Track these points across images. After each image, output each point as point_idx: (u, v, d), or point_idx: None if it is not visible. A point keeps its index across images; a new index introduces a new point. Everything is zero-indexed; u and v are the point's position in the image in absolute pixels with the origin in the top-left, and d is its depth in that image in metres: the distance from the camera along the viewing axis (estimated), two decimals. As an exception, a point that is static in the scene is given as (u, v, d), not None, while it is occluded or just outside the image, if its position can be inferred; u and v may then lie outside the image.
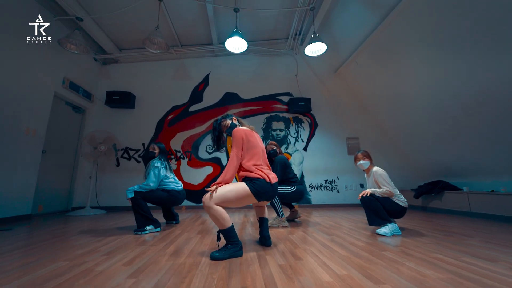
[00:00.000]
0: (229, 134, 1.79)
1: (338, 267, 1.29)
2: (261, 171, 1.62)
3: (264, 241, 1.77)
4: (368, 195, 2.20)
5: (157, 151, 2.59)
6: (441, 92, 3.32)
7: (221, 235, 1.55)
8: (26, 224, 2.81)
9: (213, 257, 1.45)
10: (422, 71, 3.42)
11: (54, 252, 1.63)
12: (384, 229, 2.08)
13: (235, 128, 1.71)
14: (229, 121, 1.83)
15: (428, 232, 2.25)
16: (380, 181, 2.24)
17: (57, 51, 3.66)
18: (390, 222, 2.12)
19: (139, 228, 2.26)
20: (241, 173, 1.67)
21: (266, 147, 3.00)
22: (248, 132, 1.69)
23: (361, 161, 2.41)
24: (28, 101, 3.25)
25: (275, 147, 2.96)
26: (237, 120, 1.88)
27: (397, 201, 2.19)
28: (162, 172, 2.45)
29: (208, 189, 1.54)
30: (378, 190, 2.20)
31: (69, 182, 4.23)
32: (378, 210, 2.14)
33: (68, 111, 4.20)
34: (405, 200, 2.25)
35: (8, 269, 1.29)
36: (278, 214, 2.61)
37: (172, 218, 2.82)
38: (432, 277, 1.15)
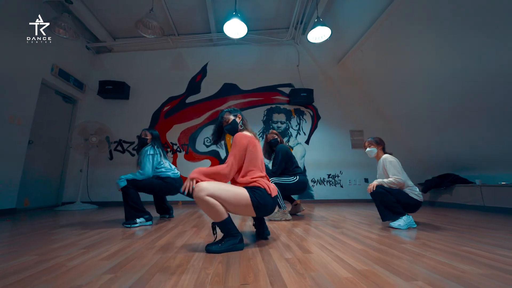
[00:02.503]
0: (227, 131, 1.59)
1: (356, 262, 1.09)
2: (264, 182, 1.41)
3: (262, 233, 1.57)
4: (374, 187, 1.97)
5: (149, 137, 2.40)
6: (449, 80, 3.13)
7: (217, 228, 1.35)
8: (7, 218, 2.59)
9: (208, 250, 1.25)
10: (429, 58, 3.23)
11: (27, 245, 1.43)
12: (399, 222, 1.88)
13: (239, 134, 1.49)
14: (232, 118, 1.59)
15: (445, 225, 2.06)
16: (388, 169, 2.05)
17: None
18: (404, 214, 1.92)
19: (128, 220, 2.06)
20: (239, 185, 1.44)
21: (267, 136, 2.83)
22: (251, 141, 1.47)
23: (368, 149, 2.24)
24: (12, 86, 3.03)
25: (276, 136, 2.78)
26: (241, 120, 1.63)
27: (410, 194, 1.98)
28: (157, 159, 2.26)
29: (184, 187, 1.31)
30: (385, 180, 1.99)
31: (59, 176, 4.01)
32: (390, 204, 1.92)
33: (58, 101, 3.98)
34: (420, 193, 2.02)
35: (-37, 264, 1.09)
36: (280, 207, 2.41)
37: (165, 212, 2.61)
38: (471, 273, 0.95)
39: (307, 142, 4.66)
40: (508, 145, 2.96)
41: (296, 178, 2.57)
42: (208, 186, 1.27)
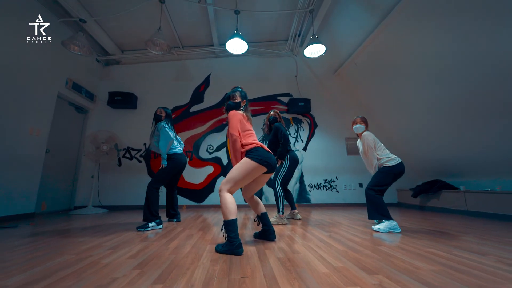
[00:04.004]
0: (227, 105, 1.84)
1: (335, 260, 1.34)
2: (257, 142, 1.71)
3: (269, 235, 1.82)
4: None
5: (163, 114, 2.74)
6: (439, 93, 3.37)
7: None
8: (30, 222, 2.86)
9: (216, 249, 1.54)
10: (419, 71, 3.47)
11: (60, 247, 1.69)
12: (379, 226, 2.13)
13: (232, 111, 1.76)
14: (238, 99, 1.84)
15: (425, 229, 2.30)
16: (366, 145, 2.34)
17: (61, 52, 3.72)
18: (388, 219, 2.16)
19: (144, 220, 2.38)
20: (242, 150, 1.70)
21: (270, 113, 3.01)
22: (244, 117, 1.78)
23: (358, 125, 2.47)
24: (32, 101, 3.31)
25: (277, 116, 2.97)
26: (245, 105, 1.87)
27: (388, 164, 2.25)
28: (171, 134, 2.61)
29: None
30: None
31: (71, 182, 4.28)
32: (378, 205, 2.19)
33: (71, 111, 4.27)
34: (395, 157, 2.29)
35: (17, 262, 1.35)
36: (278, 211, 2.66)
37: (173, 216, 2.87)
38: (424, 269, 1.20)
39: (304, 149, 4.92)
40: (496, 152, 3.15)
41: (288, 159, 2.76)
42: (226, 181, 1.58)
